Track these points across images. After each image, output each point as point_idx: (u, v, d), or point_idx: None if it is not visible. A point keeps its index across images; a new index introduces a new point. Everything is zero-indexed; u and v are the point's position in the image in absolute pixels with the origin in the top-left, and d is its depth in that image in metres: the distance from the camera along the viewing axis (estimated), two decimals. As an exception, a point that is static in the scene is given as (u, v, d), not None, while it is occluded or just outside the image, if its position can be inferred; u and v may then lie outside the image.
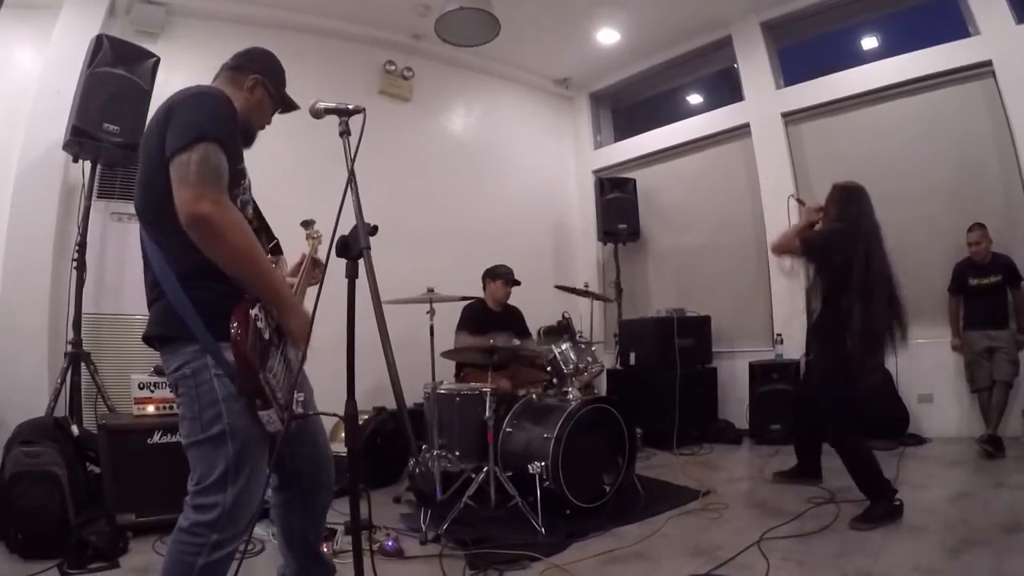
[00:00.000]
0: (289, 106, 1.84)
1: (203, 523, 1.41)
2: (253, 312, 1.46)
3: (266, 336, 1.50)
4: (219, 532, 1.41)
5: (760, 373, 4.73)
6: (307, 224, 1.90)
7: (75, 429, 3.10)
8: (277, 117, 1.84)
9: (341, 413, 1.50)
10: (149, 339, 1.54)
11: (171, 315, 1.45)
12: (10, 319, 3.50)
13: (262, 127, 1.78)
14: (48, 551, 2.54)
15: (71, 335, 3.44)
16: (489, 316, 4.32)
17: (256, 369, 1.41)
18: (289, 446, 1.58)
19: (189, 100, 1.48)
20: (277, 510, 1.77)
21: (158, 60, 3.63)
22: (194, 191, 1.36)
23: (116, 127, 3.39)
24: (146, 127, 1.53)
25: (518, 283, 4.44)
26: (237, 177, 1.55)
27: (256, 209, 1.74)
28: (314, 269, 1.87)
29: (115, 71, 3.42)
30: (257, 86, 1.71)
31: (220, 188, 1.41)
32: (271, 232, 1.80)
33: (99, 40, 3.42)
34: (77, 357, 3.41)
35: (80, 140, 3.35)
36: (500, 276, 4.37)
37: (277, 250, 1.81)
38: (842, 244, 2.89)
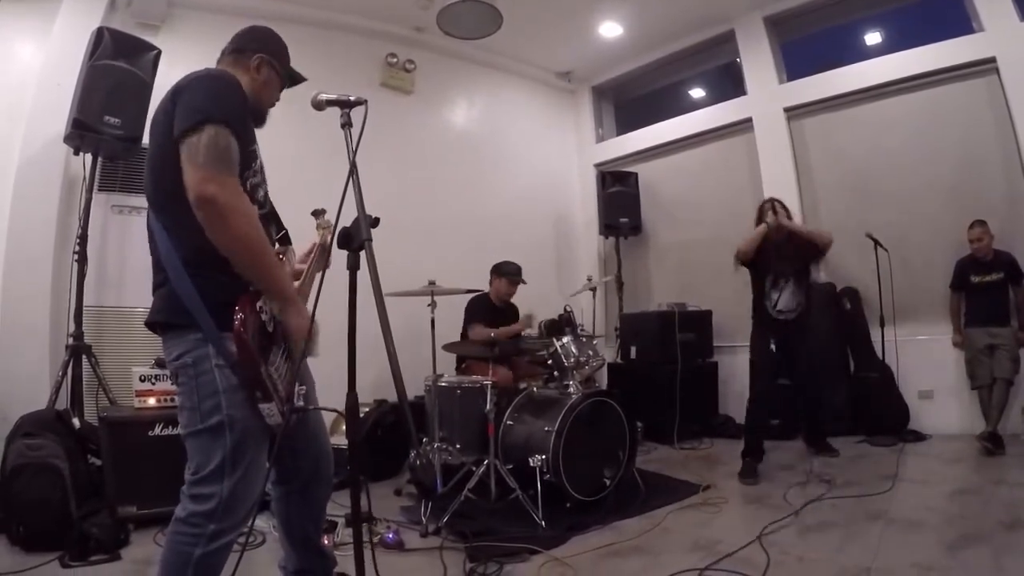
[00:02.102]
0: (296, 80, 1.84)
1: (200, 513, 1.41)
2: (259, 304, 1.46)
3: (270, 328, 1.49)
4: (216, 522, 1.41)
5: (761, 368, 4.71)
6: (317, 213, 1.89)
7: (76, 422, 3.10)
8: (278, 110, 1.83)
9: (342, 405, 1.49)
10: (152, 325, 1.53)
11: (175, 302, 1.44)
12: (12, 312, 3.50)
13: (272, 105, 1.78)
14: (50, 543, 2.55)
15: (72, 328, 3.44)
16: (494, 311, 4.33)
17: (258, 361, 1.41)
18: (288, 440, 1.57)
19: (196, 83, 1.48)
20: (277, 503, 1.77)
21: (159, 53, 3.62)
22: (202, 172, 1.36)
23: (117, 120, 3.39)
24: (155, 111, 1.52)
25: (523, 283, 4.45)
26: (248, 160, 1.54)
27: (266, 195, 1.73)
28: (321, 258, 1.86)
29: (116, 64, 3.41)
30: (262, 64, 1.71)
31: (229, 171, 1.41)
32: (280, 222, 1.79)
33: (100, 33, 3.41)
34: (78, 350, 3.41)
35: (81, 133, 3.35)
36: (506, 275, 4.39)
37: (286, 240, 1.79)
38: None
